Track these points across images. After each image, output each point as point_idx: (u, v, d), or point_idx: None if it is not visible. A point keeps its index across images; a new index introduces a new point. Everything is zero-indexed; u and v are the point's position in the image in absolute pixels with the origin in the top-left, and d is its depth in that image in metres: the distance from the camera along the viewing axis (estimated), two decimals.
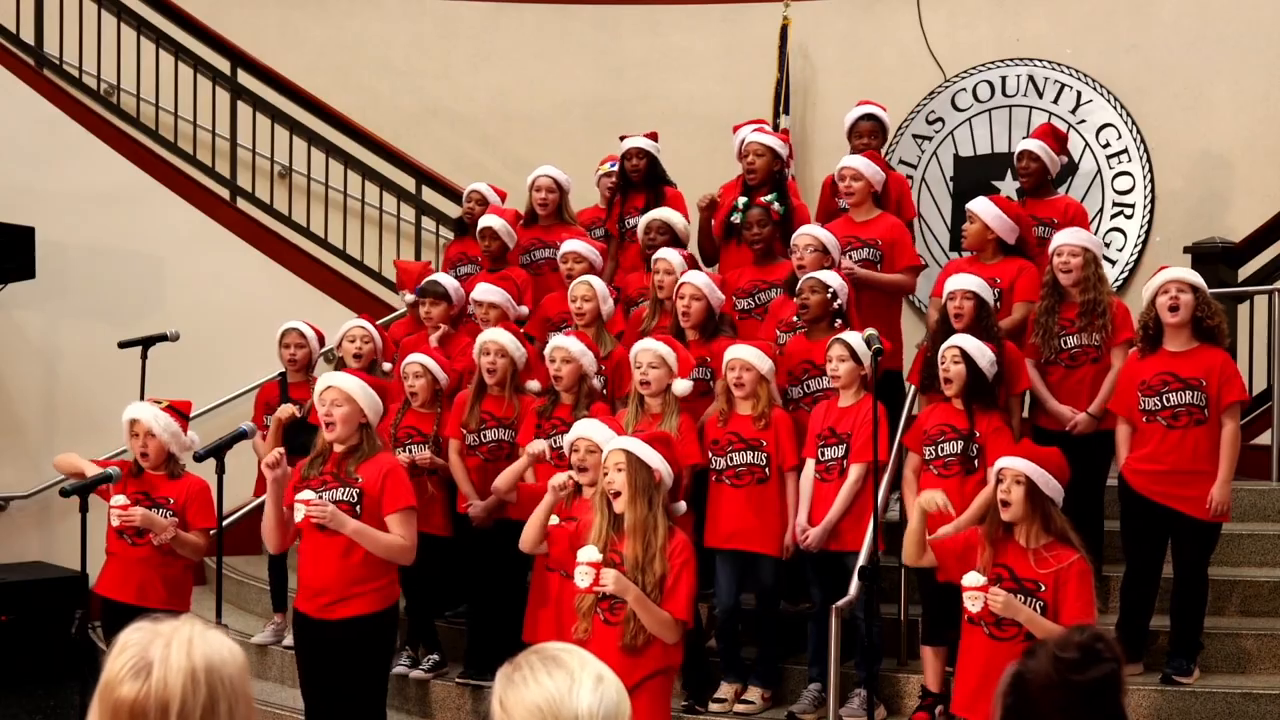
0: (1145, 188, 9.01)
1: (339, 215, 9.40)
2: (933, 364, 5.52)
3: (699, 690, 5.60)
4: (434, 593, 6.20)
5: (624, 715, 2.02)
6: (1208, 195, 8.84)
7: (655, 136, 7.34)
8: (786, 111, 9.51)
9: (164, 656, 1.88)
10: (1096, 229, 8.74)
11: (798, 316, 5.96)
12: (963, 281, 5.69)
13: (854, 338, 5.50)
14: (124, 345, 7.05)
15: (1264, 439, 7.03)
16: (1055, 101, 9.26)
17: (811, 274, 5.88)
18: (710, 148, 8.61)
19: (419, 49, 10.09)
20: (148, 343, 6.97)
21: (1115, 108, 9.09)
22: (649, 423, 5.49)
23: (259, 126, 9.15)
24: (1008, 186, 8.65)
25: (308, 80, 9.36)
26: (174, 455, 5.34)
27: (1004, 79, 9.45)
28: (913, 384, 5.98)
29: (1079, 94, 9.21)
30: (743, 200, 6.68)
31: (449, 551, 6.01)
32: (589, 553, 4.45)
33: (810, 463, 5.56)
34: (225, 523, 5.57)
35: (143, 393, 6.63)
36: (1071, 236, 5.87)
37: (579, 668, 2.02)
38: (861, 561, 5.13)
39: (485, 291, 6.49)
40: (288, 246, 8.99)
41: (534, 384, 5.99)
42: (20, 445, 8.26)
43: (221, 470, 5.28)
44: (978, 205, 6.21)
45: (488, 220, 7.02)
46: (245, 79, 9.19)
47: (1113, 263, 8.75)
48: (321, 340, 6.87)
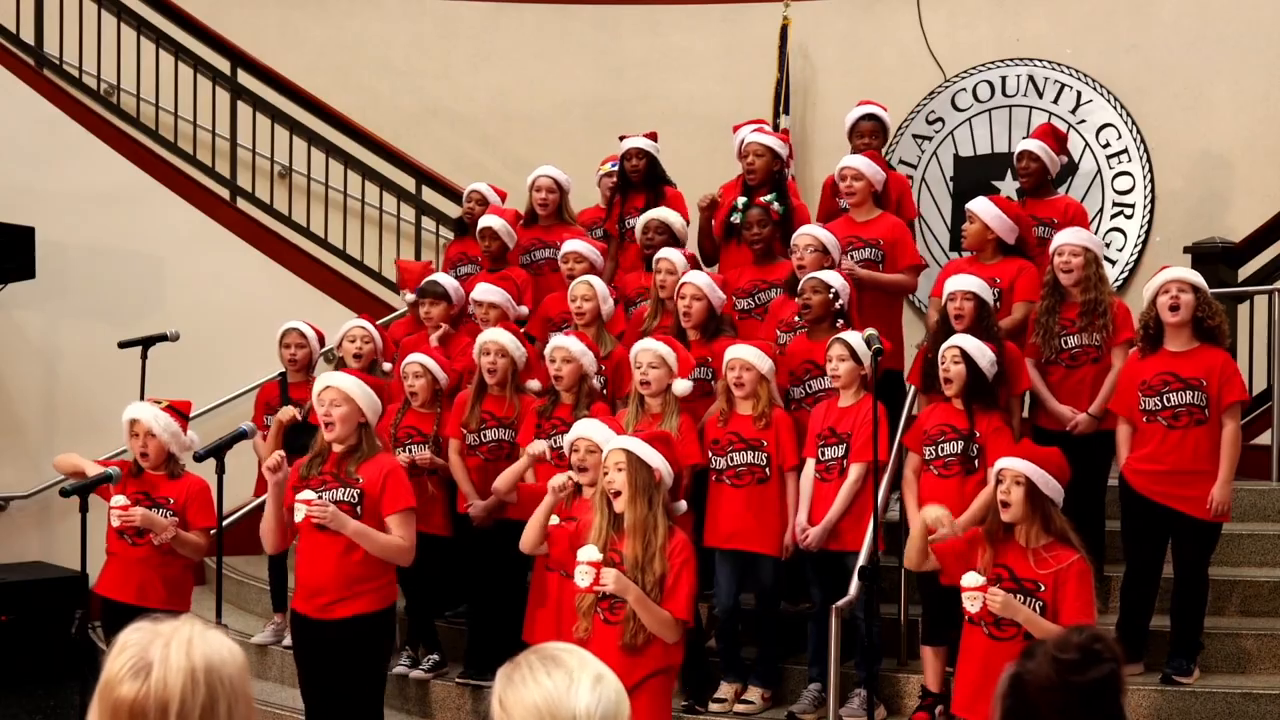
0: (1145, 188, 9.01)
1: (339, 215, 9.39)
2: (933, 364, 5.52)
3: (699, 690, 5.59)
4: (434, 593, 6.20)
5: (623, 715, 2.02)
6: (1208, 195, 8.84)
7: (655, 137, 7.34)
8: (786, 111, 9.50)
9: (163, 656, 1.88)
10: (1096, 229, 8.73)
11: (799, 316, 5.95)
12: (963, 282, 5.69)
13: (854, 337, 5.50)
14: (124, 345, 7.05)
15: (1264, 439, 7.03)
16: (1055, 101, 9.26)
17: (814, 274, 5.87)
18: (710, 148, 8.60)
19: (419, 49, 10.08)
20: (148, 343, 6.98)
21: (1115, 108, 9.08)
22: (649, 423, 5.49)
23: (259, 126, 9.14)
24: (1008, 186, 8.65)
25: (308, 80, 9.36)
26: (174, 455, 5.35)
27: (1004, 79, 9.44)
28: (912, 384, 5.98)
29: (1079, 94, 9.20)
30: (742, 200, 6.67)
31: (449, 551, 6.01)
32: (589, 552, 4.45)
33: (810, 462, 5.56)
34: (225, 523, 5.57)
35: (143, 393, 6.63)
36: (1072, 236, 5.87)
37: (578, 667, 2.02)
38: (861, 561, 5.13)
39: (485, 291, 6.49)
40: (288, 246, 8.98)
41: (534, 384, 5.99)
42: (20, 445, 8.26)
43: (221, 470, 5.29)
44: (977, 205, 6.21)
45: (487, 220, 7.02)
46: (245, 79, 9.19)
47: (1113, 263, 8.74)
48: (322, 340, 6.87)
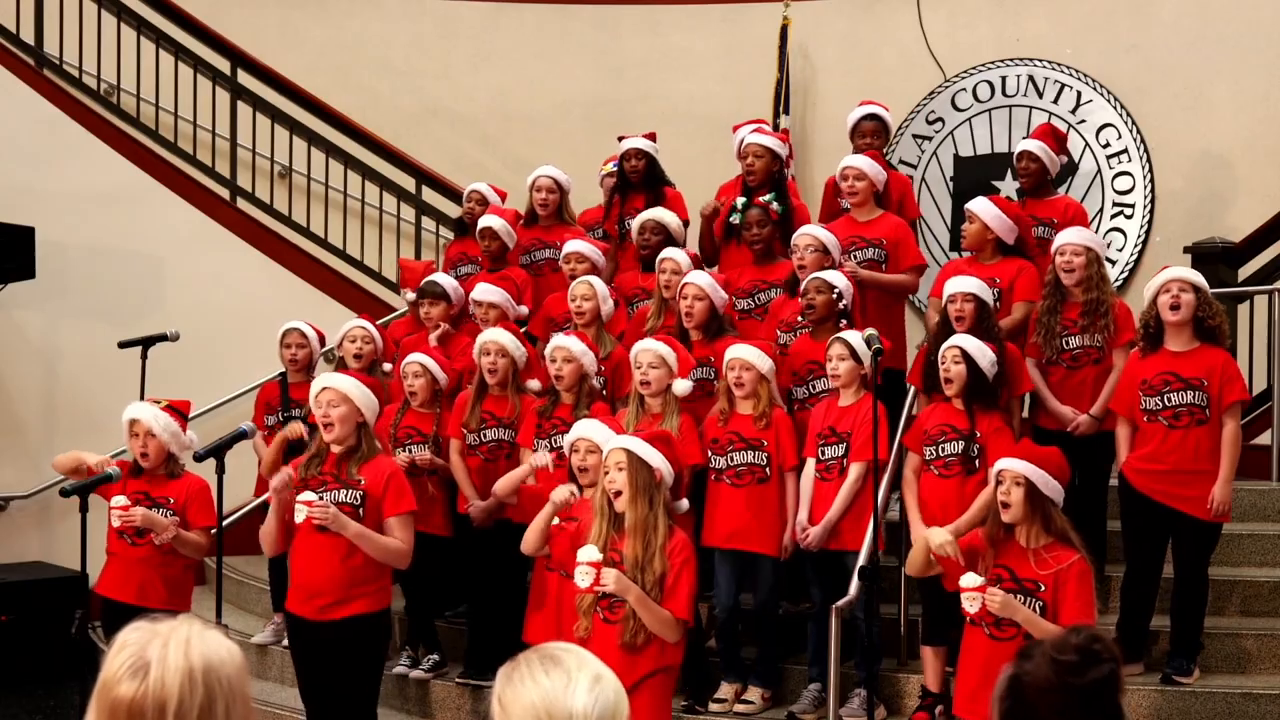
0: (1145, 188, 9.01)
1: (339, 215, 9.39)
2: (933, 364, 5.52)
3: (699, 690, 5.59)
4: (434, 593, 6.20)
5: (621, 715, 2.02)
6: (1208, 195, 8.84)
7: (654, 137, 7.33)
8: (786, 111, 9.50)
9: (162, 656, 1.88)
10: (1096, 229, 8.73)
11: (802, 316, 5.95)
12: (963, 284, 5.69)
13: (854, 337, 5.50)
14: (124, 345, 7.05)
15: (1264, 439, 7.03)
16: (1055, 101, 9.26)
17: (817, 274, 5.87)
18: (710, 148, 8.60)
19: (419, 49, 10.08)
20: (148, 343, 6.97)
21: (1115, 108, 9.08)
22: (649, 423, 5.49)
23: (259, 126, 9.14)
24: (1008, 186, 8.65)
25: (308, 80, 9.36)
26: (174, 455, 5.34)
27: (1004, 79, 9.44)
28: (912, 384, 5.97)
29: (1079, 94, 9.20)
30: (741, 201, 6.67)
31: (449, 551, 6.01)
32: (589, 552, 4.44)
33: (810, 462, 5.56)
34: (225, 523, 5.57)
35: (143, 393, 6.63)
36: (1074, 236, 5.86)
37: (576, 667, 2.02)
38: (861, 561, 5.13)
39: (485, 291, 6.48)
40: (288, 246, 8.98)
41: (534, 383, 5.99)
42: (20, 445, 8.26)
43: (221, 470, 5.28)
44: (977, 205, 6.20)
45: (487, 220, 7.02)
46: (245, 79, 9.19)
47: (1113, 263, 8.74)
48: (322, 340, 6.87)
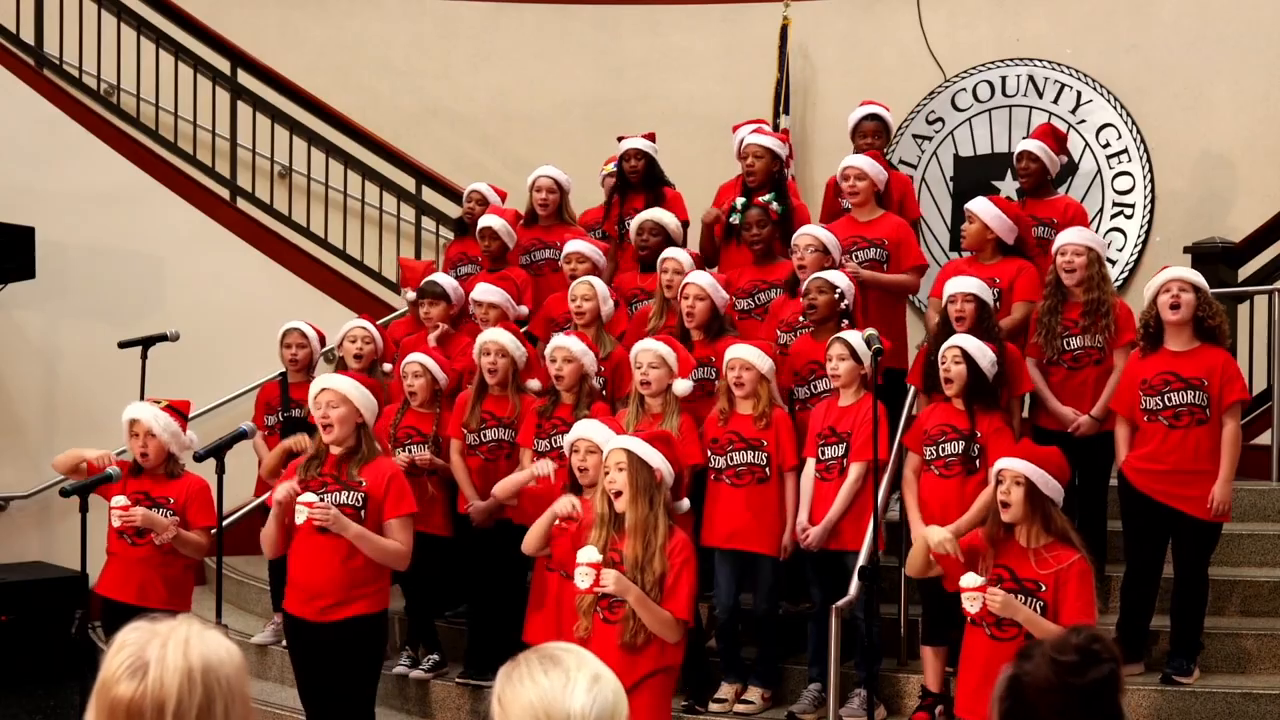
0: (1145, 188, 9.01)
1: (339, 215, 9.39)
2: (933, 364, 5.52)
3: (699, 690, 5.59)
4: (434, 593, 6.20)
5: (620, 716, 2.01)
6: (1208, 195, 8.84)
7: (653, 137, 7.33)
8: (786, 111, 9.50)
9: (160, 656, 1.87)
10: (1096, 229, 8.73)
11: (804, 316, 5.94)
12: (964, 284, 5.68)
13: (854, 337, 5.50)
14: (124, 345, 7.05)
15: (1264, 439, 7.03)
16: (1055, 101, 9.26)
17: (819, 274, 5.86)
18: (710, 148, 8.60)
19: (419, 49, 10.08)
20: (148, 343, 6.98)
21: (1115, 108, 9.08)
22: (649, 423, 5.48)
23: (259, 126, 9.14)
24: (1008, 186, 8.65)
25: (308, 80, 9.36)
26: (174, 455, 5.34)
27: (1004, 79, 9.44)
28: (912, 384, 5.97)
29: (1079, 94, 9.20)
30: (741, 201, 6.66)
31: (449, 551, 6.01)
32: (588, 553, 4.44)
33: (810, 462, 5.56)
34: (225, 523, 5.57)
35: (143, 393, 6.63)
36: (1075, 236, 5.86)
37: (575, 667, 2.02)
38: (861, 561, 5.13)
39: (485, 292, 6.48)
40: (288, 246, 8.98)
41: (534, 383, 5.99)
42: (20, 445, 8.26)
43: (221, 470, 5.29)
44: (977, 205, 6.20)
45: (487, 220, 7.02)
46: (245, 79, 9.18)
47: (1113, 263, 8.74)
48: (323, 340, 6.87)
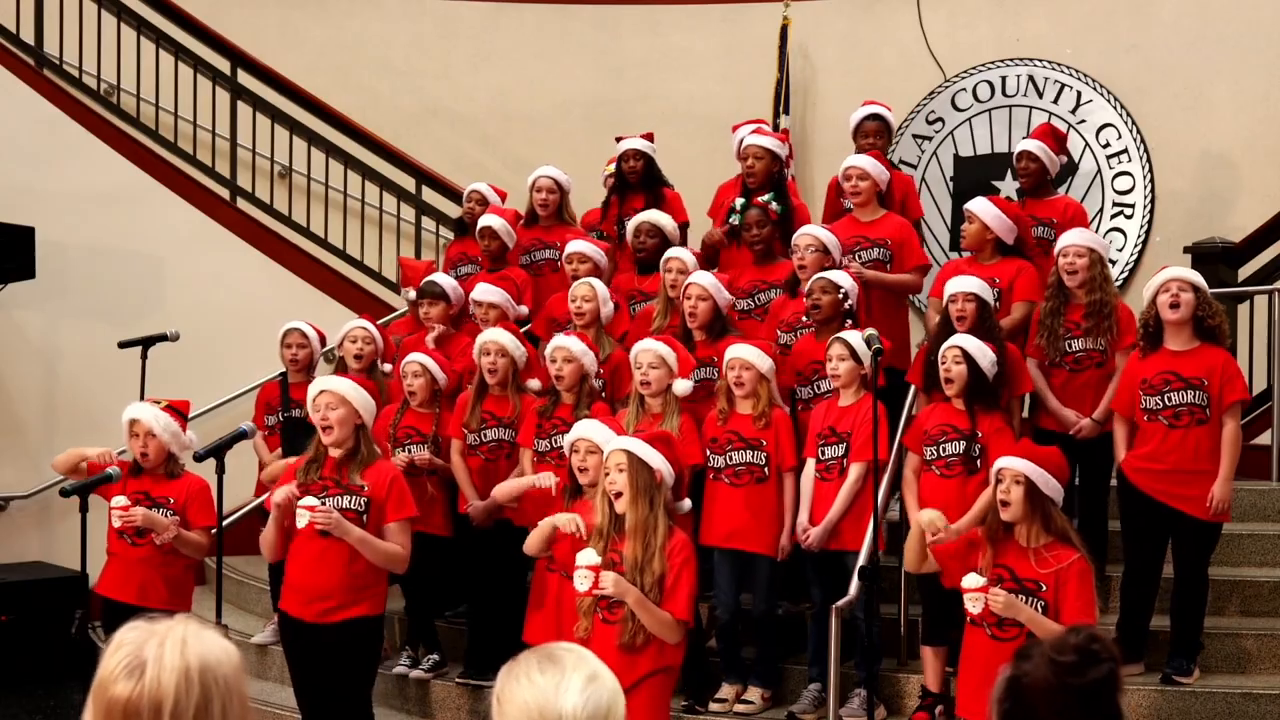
0: (1145, 188, 9.00)
1: (339, 215, 9.39)
2: (933, 364, 5.52)
3: (699, 690, 5.59)
4: (434, 593, 6.20)
5: (615, 716, 2.02)
6: (1208, 195, 8.84)
7: (651, 137, 7.32)
8: (786, 111, 9.50)
9: (158, 655, 1.87)
10: (1096, 229, 8.73)
11: (807, 316, 5.94)
12: (964, 284, 5.68)
13: (854, 337, 5.50)
14: (124, 345, 7.05)
15: (1264, 439, 7.03)
16: (1055, 101, 9.26)
17: (823, 274, 5.86)
18: (710, 148, 8.59)
19: (419, 49, 10.08)
20: (148, 343, 6.98)
21: (1115, 108, 9.08)
22: (650, 423, 5.48)
23: (259, 126, 9.14)
24: (1008, 186, 8.64)
25: (308, 80, 9.36)
26: (174, 455, 5.35)
27: (1004, 79, 9.44)
28: (911, 382, 5.96)
29: (1079, 94, 9.20)
30: (740, 201, 6.66)
31: (449, 551, 6.01)
32: (587, 556, 4.44)
33: (811, 462, 5.56)
34: (225, 523, 5.56)
35: (143, 393, 6.64)
36: (1077, 237, 5.85)
37: (572, 667, 2.02)
38: (861, 561, 5.13)
39: (484, 292, 6.48)
40: (288, 246, 8.98)
41: (534, 383, 5.99)
42: (20, 445, 8.26)
43: (221, 470, 5.28)
44: (976, 205, 6.20)
45: (487, 220, 7.02)
46: (245, 79, 9.18)
47: (1113, 263, 8.73)
48: (323, 340, 6.87)
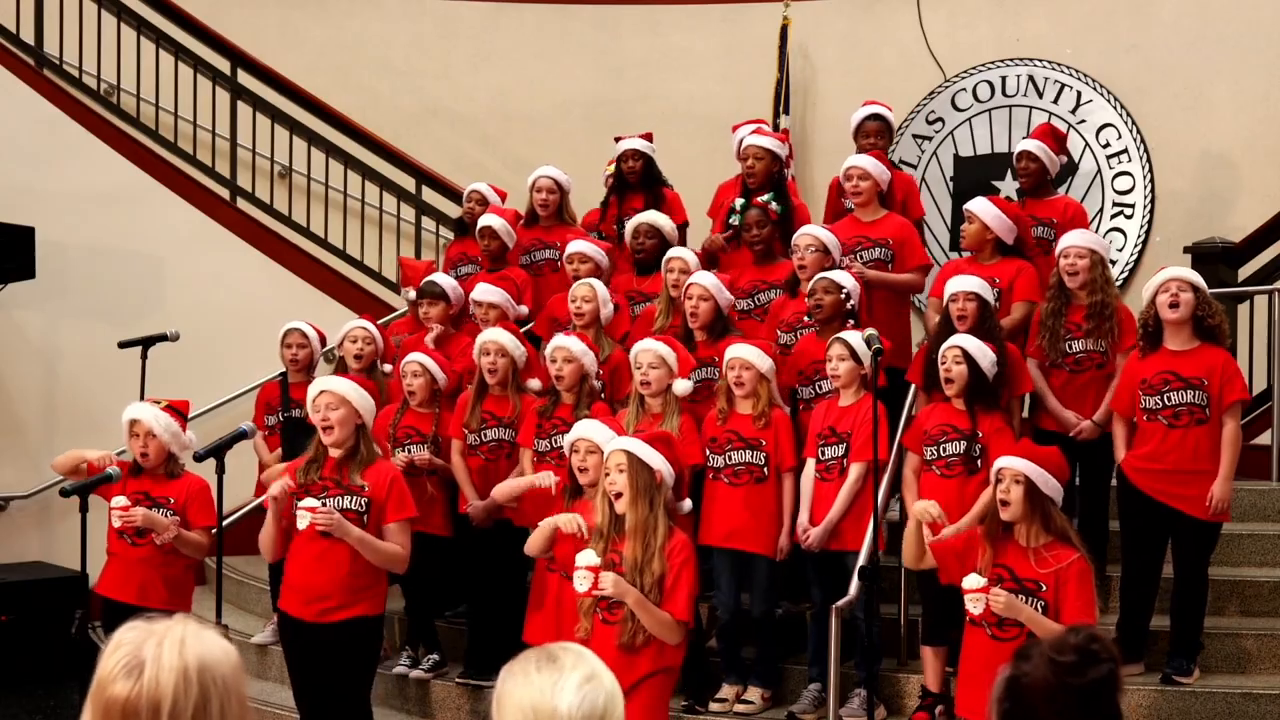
0: (1145, 188, 9.00)
1: (339, 215, 9.39)
2: (932, 363, 5.52)
3: (699, 690, 5.59)
4: (434, 593, 6.20)
5: (612, 716, 2.01)
6: (1208, 195, 8.83)
7: (650, 137, 7.33)
8: (786, 111, 9.50)
9: (156, 655, 1.87)
10: (1096, 229, 8.73)
11: (809, 316, 5.93)
12: (965, 283, 5.68)
13: (854, 337, 5.49)
14: (124, 345, 7.05)
15: (1264, 439, 7.03)
16: (1055, 101, 9.26)
17: (826, 274, 5.86)
18: (710, 148, 8.59)
19: (419, 49, 10.08)
20: (148, 343, 6.98)
21: (1115, 108, 9.08)
22: (650, 423, 5.48)
23: (259, 126, 9.14)
24: (1008, 186, 8.65)
25: (308, 80, 9.36)
26: (174, 455, 5.35)
27: (1004, 79, 9.44)
28: (910, 381, 5.96)
29: (1079, 94, 9.20)
30: (740, 201, 6.66)
31: (449, 551, 6.01)
32: (587, 557, 4.43)
33: (811, 462, 5.56)
34: (225, 523, 5.56)
35: (143, 393, 6.63)
36: (1078, 238, 5.85)
37: (570, 666, 2.02)
38: (861, 561, 5.12)
39: (484, 292, 6.48)
40: (288, 246, 8.98)
41: (535, 383, 5.98)
42: (20, 445, 8.26)
43: (221, 470, 5.27)
44: (976, 205, 6.20)
45: (487, 219, 7.02)
46: (245, 79, 9.18)
47: (1113, 263, 8.73)
48: (323, 340, 6.87)
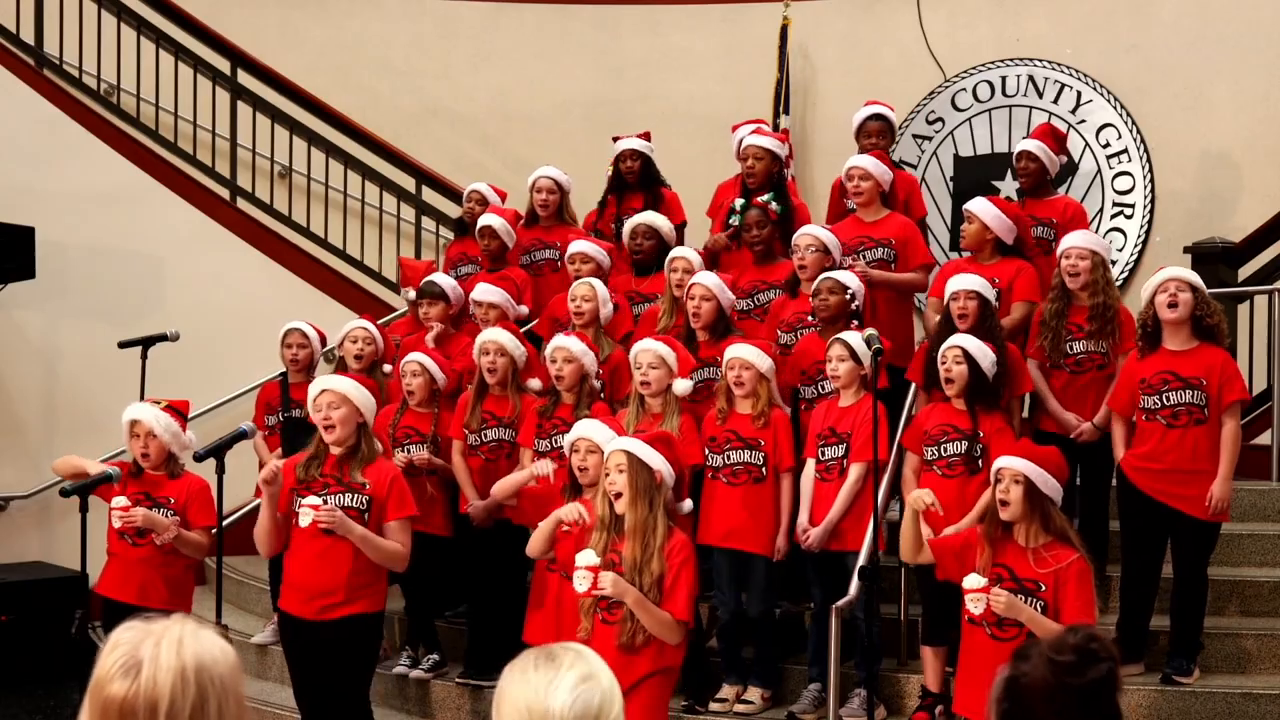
0: (1145, 188, 9.00)
1: (339, 215, 9.39)
2: (932, 362, 5.52)
3: (699, 690, 5.59)
4: (434, 593, 6.20)
5: (608, 716, 2.01)
6: (1208, 195, 8.83)
7: (648, 137, 7.32)
8: (786, 111, 9.50)
9: (154, 655, 1.87)
10: (1096, 229, 8.73)
11: (814, 315, 5.93)
12: (966, 281, 5.68)
13: (854, 337, 5.49)
14: (124, 345, 7.05)
15: (1264, 439, 7.02)
16: (1055, 101, 9.26)
17: (830, 274, 5.86)
18: (710, 148, 8.59)
19: (419, 49, 10.08)
20: (148, 343, 6.98)
21: (1115, 108, 9.08)
22: (650, 423, 5.48)
23: (259, 126, 9.14)
24: (1007, 186, 8.65)
25: (308, 80, 9.36)
26: (174, 455, 5.35)
27: (1004, 79, 9.44)
28: (910, 380, 5.96)
29: (1079, 94, 9.20)
30: (740, 201, 6.66)
31: (449, 551, 6.01)
32: (587, 557, 4.43)
33: (811, 462, 5.56)
34: (225, 523, 5.56)
35: (143, 393, 6.63)
36: (1080, 240, 5.85)
37: (568, 666, 2.02)
38: (861, 561, 5.12)
39: (484, 292, 6.48)
40: (288, 246, 8.98)
41: (535, 382, 5.98)
42: (20, 445, 8.26)
43: (221, 470, 5.27)
44: (976, 205, 6.20)
45: (487, 219, 7.02)
46: (245, 79, 9.18)
47: (1113, 263, 8.72)
48: (323, 340, 6.87)
